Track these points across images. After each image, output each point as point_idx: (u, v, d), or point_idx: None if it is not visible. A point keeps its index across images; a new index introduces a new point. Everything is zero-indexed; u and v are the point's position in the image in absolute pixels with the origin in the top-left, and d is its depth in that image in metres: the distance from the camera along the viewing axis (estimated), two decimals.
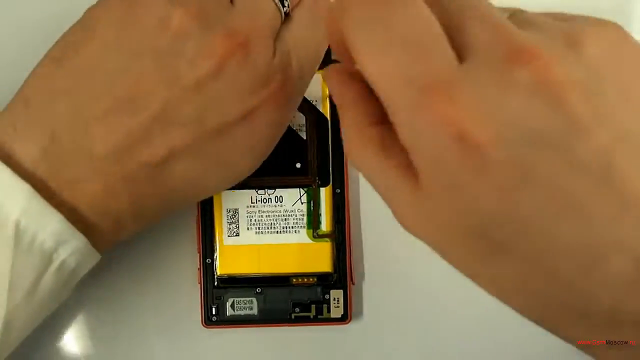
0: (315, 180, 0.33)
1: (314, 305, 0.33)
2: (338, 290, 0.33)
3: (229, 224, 0.33)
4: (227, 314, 0.33)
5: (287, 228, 0.33)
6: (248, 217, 0.33)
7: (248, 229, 0.33)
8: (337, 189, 0.33)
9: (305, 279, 0.33)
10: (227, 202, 0.33)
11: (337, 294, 0.33)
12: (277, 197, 0.33)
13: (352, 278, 0.33)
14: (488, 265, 0.20)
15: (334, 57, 0.24)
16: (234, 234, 0.33)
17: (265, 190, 0.33)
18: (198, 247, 0.33)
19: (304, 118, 0.33)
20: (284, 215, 0.33)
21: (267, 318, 0.33)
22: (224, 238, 0.33)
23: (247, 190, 0.33)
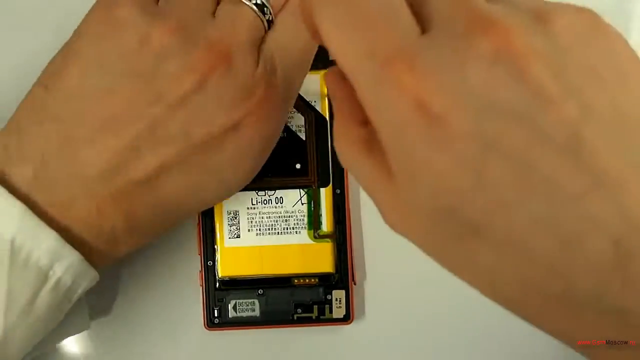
0: (315, 181, 0.33)
1: (316, 306, 0.33)
2: (340, 291, 0.33)
3: (230, 226, 0.33)
4: (229, 316, 0.33)
5: (287, 229, 0.33)
6: (249, 218, 0.33)
7: (249, 231, 0.33)
8: (337, 189, 0.33)
9: (307, 280, 0.33)
10: (227, 204, 0.33)
11: (339, 295, 0.33)
12: (277, 198, 0.33)
13: (353, 278, 0.33)
14: (463, 250, 0.19)
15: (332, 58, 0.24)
16: (235, 236, 0.33)
17: (266, 192, 0.33)
18: (199, 249, 0.33)
19: (303, 119, 0.33)
20: (285, 217, 0.33)
21: (269, 319, 0.33)
22: (225, 240, 0.33)
23: (247, 192, 0.33)
